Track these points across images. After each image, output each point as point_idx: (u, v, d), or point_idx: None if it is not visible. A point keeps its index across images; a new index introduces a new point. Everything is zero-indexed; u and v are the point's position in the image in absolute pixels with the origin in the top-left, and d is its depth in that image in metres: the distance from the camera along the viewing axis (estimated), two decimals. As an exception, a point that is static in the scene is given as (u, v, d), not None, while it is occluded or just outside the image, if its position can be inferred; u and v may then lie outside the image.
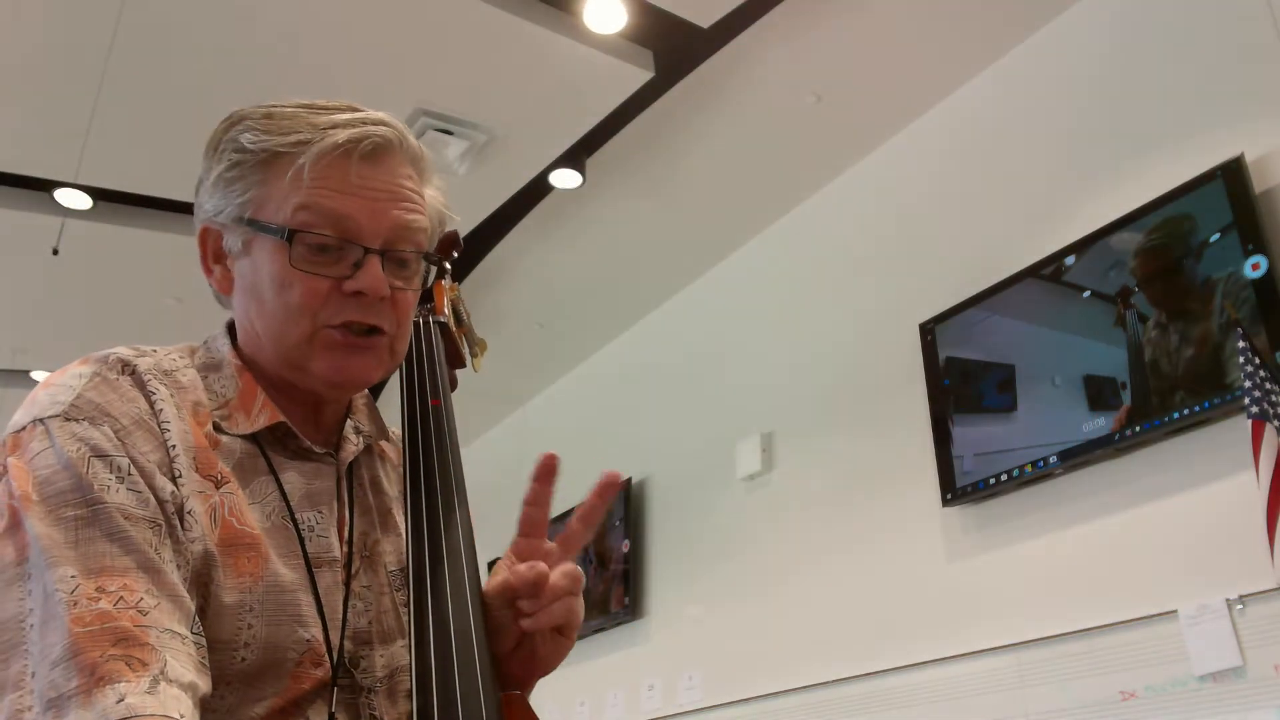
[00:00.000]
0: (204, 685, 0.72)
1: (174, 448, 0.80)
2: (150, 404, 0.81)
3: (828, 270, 3.89)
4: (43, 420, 0.77)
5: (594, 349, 5.21)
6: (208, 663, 0.74)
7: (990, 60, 3.39)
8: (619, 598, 4.40)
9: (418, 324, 1.04)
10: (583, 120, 3.60)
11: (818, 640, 3.42)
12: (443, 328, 1.08)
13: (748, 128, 3.69)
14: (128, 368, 0.83)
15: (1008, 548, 2.92)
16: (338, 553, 0.88)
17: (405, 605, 0.91)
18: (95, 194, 3.82)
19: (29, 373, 5.06)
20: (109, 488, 0.74)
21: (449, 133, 3.57)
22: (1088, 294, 2.84)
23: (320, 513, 0.89)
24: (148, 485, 0.76)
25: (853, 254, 3.80)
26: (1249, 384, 2.25)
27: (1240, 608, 2.34)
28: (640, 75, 3.38)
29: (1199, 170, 2.62)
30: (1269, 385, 2.24)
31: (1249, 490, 2.32)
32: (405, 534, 0.87)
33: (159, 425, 0.81)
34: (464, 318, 1.16)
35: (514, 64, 3.32)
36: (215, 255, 0.91)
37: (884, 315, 3.52)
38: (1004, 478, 2.90)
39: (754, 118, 3.64)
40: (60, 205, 3.81)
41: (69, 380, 0.80)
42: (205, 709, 0.72)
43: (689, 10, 3.15)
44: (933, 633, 3.03)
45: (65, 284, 4.36)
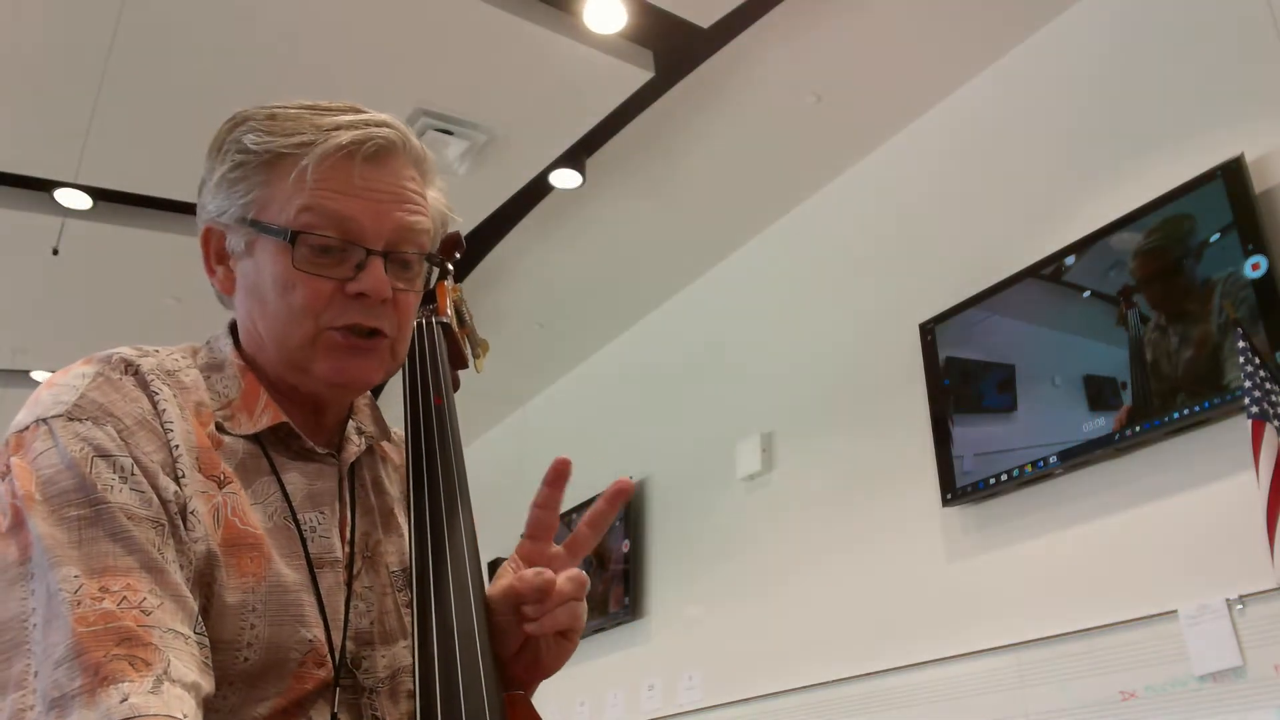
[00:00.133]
0: (207, 685, 0.72)
1: (177, 448, 0.80)
2: (153, 404, 0.81)
3: (828, 270, 3.89)
4: (46, 420, 0.77)
5: (594, 349, 5.21)
6: (210, 663, 0.74)
7: (990, 60, 3.39)
8: (619, 598, 4.40)
9: (421, 324, 1.04)
10: (583, 120, 3.60)
11: (818, 640, 3.42)
12: (445, 328, 1.07)
13: (748, 128, 3.69)
14: (131, 368, 0.82)
15: (1008, 548, 2.93)
16: (339, 553, 0.88)
17: (407, 606, 0.91)
18: (95, 194, 3.82)
19: (29, 373, 5.06)
20: (112, 487, 0.74)
21: (449, 133, 3.57)
22: (1088, 294, 2.84)
23: (322, 513, 0.89)
24: (151, 485, 0.76)
25: (853, 254, 3.80)
26: (1249, 384, 2.25)
27: (1240, 608, 2.34)
28: (640, 75, 3.38)
29: (1199, 170, 2.62)
30: (1269, 385, 2.24)
31: (1249, 490, 2.32)
32: (408, 534, 0.87)
33: (162, 425, 0.81)
34: (466, 318, 1.16)
35: (514, 64, 3.32)
36: (218, 256, 0.91)
37: (884, 315, 3.52)
38: (1004, 478, 2.90)
39: (754, 118, 3.64)
40: (60, 205, 3.81)
41: (72, 380, 0.80)
42: (208, 709, 0.72)
43: (689, 10, 3.15)
44: (933, 633, 3.03)
45: (65, 284, 4.36)
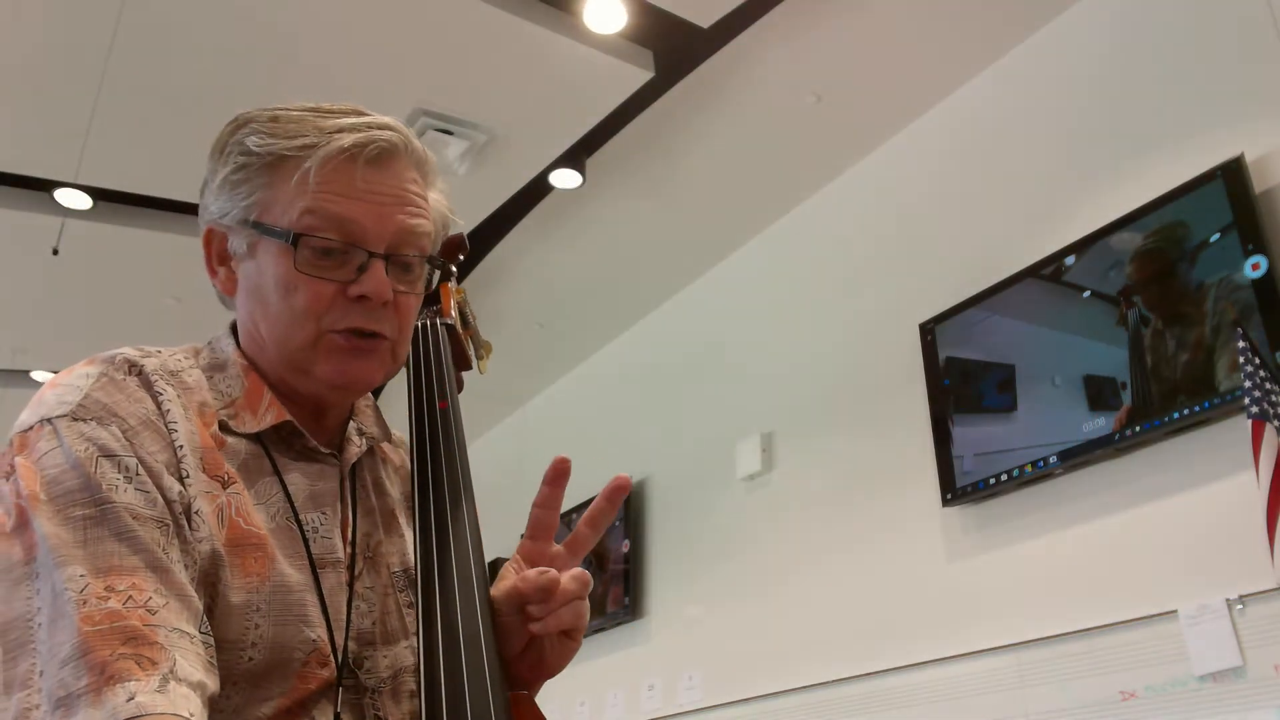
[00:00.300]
0: (212, 684, 0.72)
1: (181, 448, 0.81)
2: (157, 404, 0.81)
3: (828, 270, 3.89)
4: (50, 420, 0.77)
5: (594, 349, 5.21)
6: (215, 662, 0.74)
7: (990, 60, 3.39)
8: (619, 598, 4.40)
9: (425, 326, 1.04)
10: (583, 120, 3.60)
11: (818, 640, 3.42)
12: (450, 330, 1.07)
13: (748, 128, 3.69)
14: (134, 368, 0.83)
15: (1008, 548, 2.93)
16: (341, 554, 0.88)
17: (408, 606, 0.92)
18: (95, 194, 3.82)
19: (29, 373, 5.06)
20: (117, 487, 0.74)
21: (449, 133, 3.57)
22: (1088, 294, 2.84)
23: (324, 514, 0.89)
24: (155, 485, 0.76)
25: (853, 254, 3.80)
26: (1249, 384, 2.25)
27: (1240, 608, 2.34)
28: (640, 75, 3.38)
29: (1199, 170, 2.62)
30: (1269, 385, 2.24)
31: (1249, 490, 2.32)
32: (414, 535, 0.87)
33: (166, 425, 0.81)
34: (470, 320, 1.16)
35: (514, 64, 3.32)
36: (220, 257, 0.92)
37: (884, 315, 3.52)
38: (1004, 478, 2.90)
39: (754, 118, 3.64)
40: (60, 205, 3.81)
41: (76, 380, 0.80)
42: (212, 709, 0.72)
43: (689, 10, 3.15)
44: (933, 633, 3.03)
45: (65, 284, 4.36)
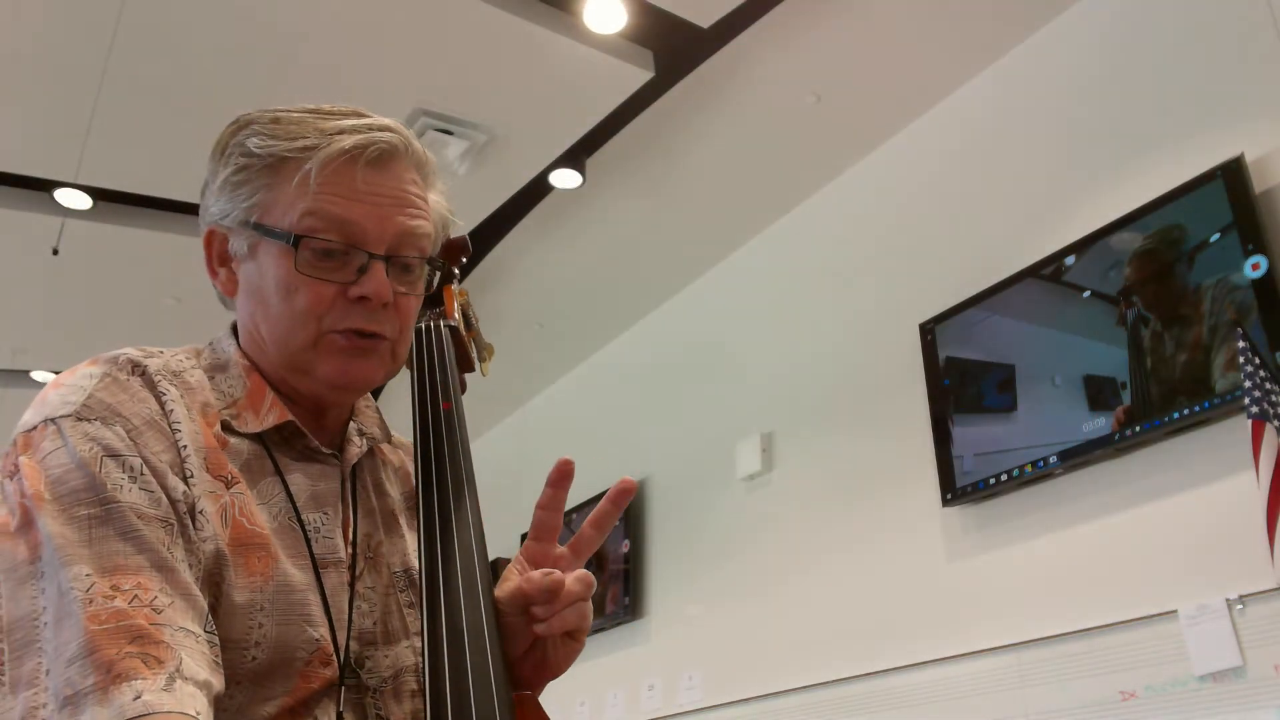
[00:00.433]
0: (218, 683, 0.72)
1: (185, 448, 0.81)
2: (161, 405, 0.82)
3: (828, 270, 3.89)
4: (54, 420, 0.77)
5: (594, 349, 5.21)
6: (220, 661, 0.74)
7: (990, 60, 3.39)
8: (619, 598, 4.40)
9: (429, 328, 1.05)
10: (583, 120, 3.60)
11: (818, 640, 3.42)
12: (454, 332, 1.08)
13: (748, 128, 3.69)
14: (138, 368, 0.83)
15: (1008, 548, 2.93)
16: (343, 554, 0.89)
17: (409, 606, 0.92)
18: (95, 194, 3.82)
19: (29, 373, 5.06)
20: (122, 487, 0.74)
21: (449, 133, 3.57)
22: (1088, 294, 2.84)
23: (326, 514, 0.89)
24: (160, 485, 0.77)
25: (853, 254, 3.80)
26: (1249, 384, 2.25)
27: (1240, 608, 2.34)
28: (640, 75, 3.38)
29: (1199, 170, 2.62)
30: (1269, 385, 2.24)
31: (1249, 490, 2.32)
32: (417, 535, 0.88)
33: (170, 426, 0.81)
34: (473, 322, 1.16)
35: (514, 64, 3.32)
36: (220, 258, 0.92)
37: (884, 315, 3.52)
38: (1004, 478, 2.90)
39: (754, 118, 3.64)
40: (60, 205, 3.81)
41: (79, 380, 0.80)
42: (216, 708, 0.72)
43: (689, 10, 3.15)
44: (933, 633, 3.03)
45: (65, 284, 4.36)
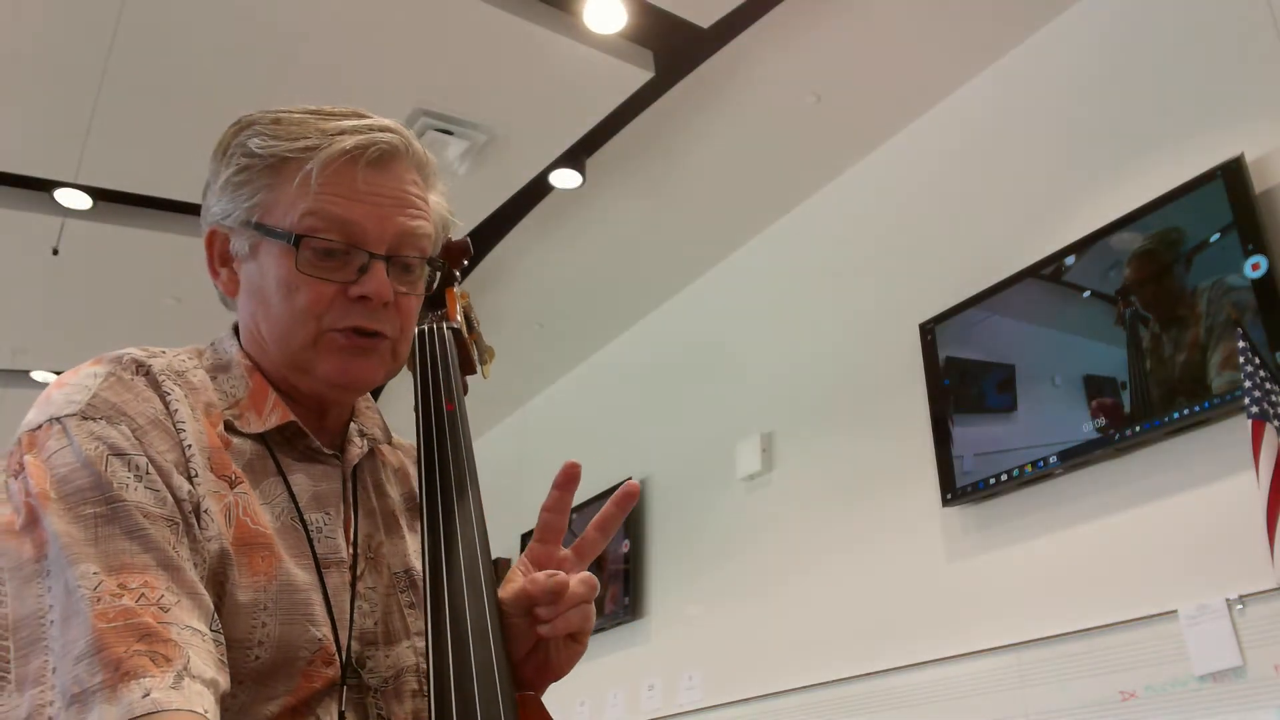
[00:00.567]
0: (224, 682, 0.72)
1: (189, 447, 0.81)
2: (165, 404, 0.82)
3: (828, 270, 3.90)
4: (59, 419, 0.77)
5: (594, 349, 5.21)
6: (226, 660, 0.75)
7: (990, 60, 3.39)
8: (619, 598, 4.40)
9: (431, 330, 1.05)
10: (583, 120, 3.60)
11: (818, 640, 3.42)
12: (456, 334, 1.08)
13: (748, 128, 3.69)
14: (142, 368, 0.83)
15: (1008, 548, 2.93)
16: (345, 554, 0.89)
17: (409, 607, 0.92)
18: (95, 194, 3.82)
19: (29, 373, 5.06)
20: (127, 486, 0.74)
21: (449, 133, 3.57)
22: (1088, 294, 2.84)
23: (327, 514, 0.89)
24: (165, 484, 0.77)
25: (853, 254, 3.80)
26: (1249, 384, 2.25)
27: (1240, 608, 2.34)
28: (640, 75, 3.38)
29: (1199, 170, 2.62)
30: (1269, 385, 2.24)
31: (1249, 490, 2.32)
32: (421, 536, 0.88)
33: (174, 425, 0.81)
34: (474, 324, 1.16)
35: (514, 64, 3.32)
36: (222, 258, 0.92)
37: (884, 315, 3.53)
38: (1004, 478, 2.90)
39: (754, 118, 3.64)
40: (60, 205, 3.81)
41: (84, 380, 0.80)
42: (220, 707, 0.72)
43: (689, 10, 3.15)
44: (933, 633, 3.03)
45: (65, 284, 4.36)
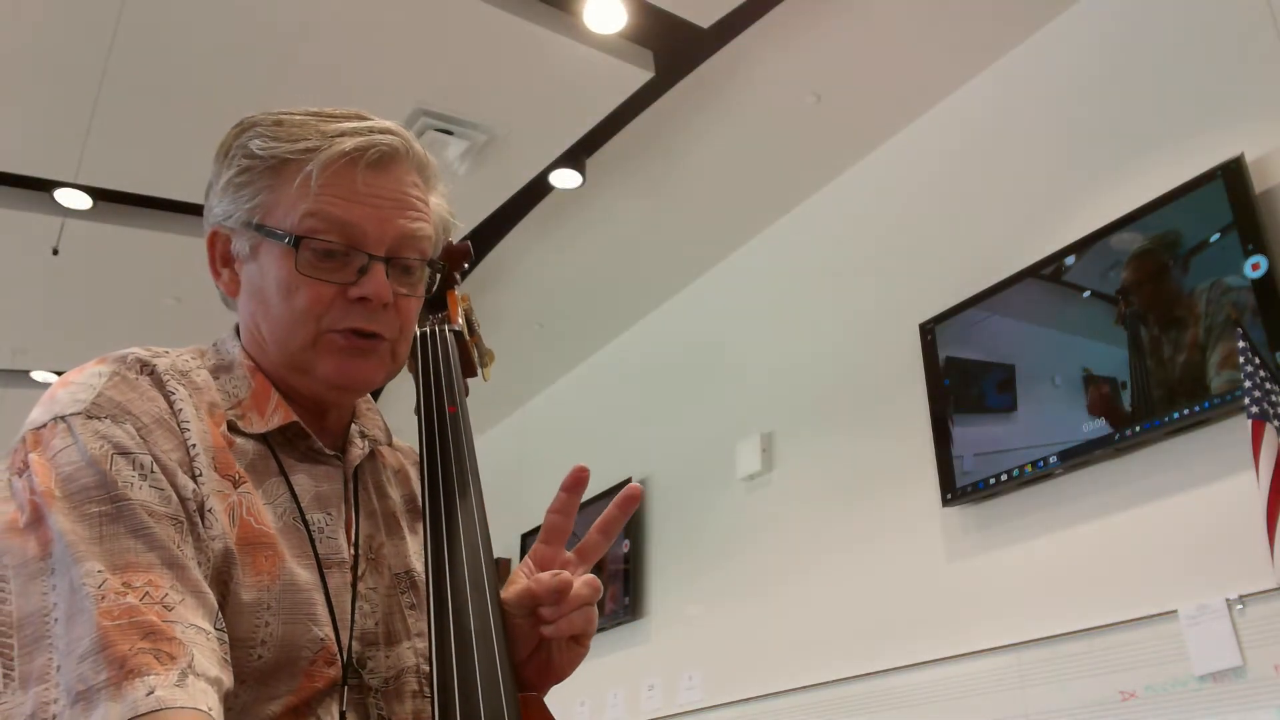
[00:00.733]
0: (228, 680, 0.72)
1: (194, 447, 0.81)
2: (169, 403, 0.82)
3: (828, 270, 3.90)
4: (64, 418, 0.77)
5: (594, 349, 5.21)
6: (230, 659, 0.75)
7: (990, 60, 3.39)
8: (619, 598, 4.40)
9: (433, 332, 1.05)
10: (583, 120, 3.60)
11: (818, 640, 3.42)
12: (458, 336, 1.08)
13: (748, 128, 3.69)
14: (146, 368, 0.83)
15: (1008, 548, 2.93)
16: (346, 554, 0.89)
17: (410, 608, 0.93)
18: (95, 194, 3.82)
19: (29, 373, 5.06)
20: (132, 485, 0.75)
21: (449, 133, 3.57)
22: (1088, 294, 2.84)
23: (329, 514, 0.89)
24: (170, 483, 0.77)
25: (853, 254, 3.80)
26: (1249, 384, 2.25)
27: (1240, 608, 2.34)
28: (640, 75, 3.38)
29: (1199, 170, 2.62)
30: (1269, 385, 2.24)
31: (1249, 490, 2.32)
32: (424, 537, 0.88)
33: (179, 425, 0.81)
34: (475, 327, 1.17)
35: (514, 64, 3.32)
36: (223, 259, 0.93)
37: (884, 315, 3.53)
38: (1004, 478, 2.90)
39: (754, 118, 3.64)
40: (60, 205, 3.81)
41: (88, 379, 0.80)
42: (223, 706, 0.72)
43: (689, 10, 3.15)
44: (933, 633, 3.03)
45: (65, 284, 4.36)
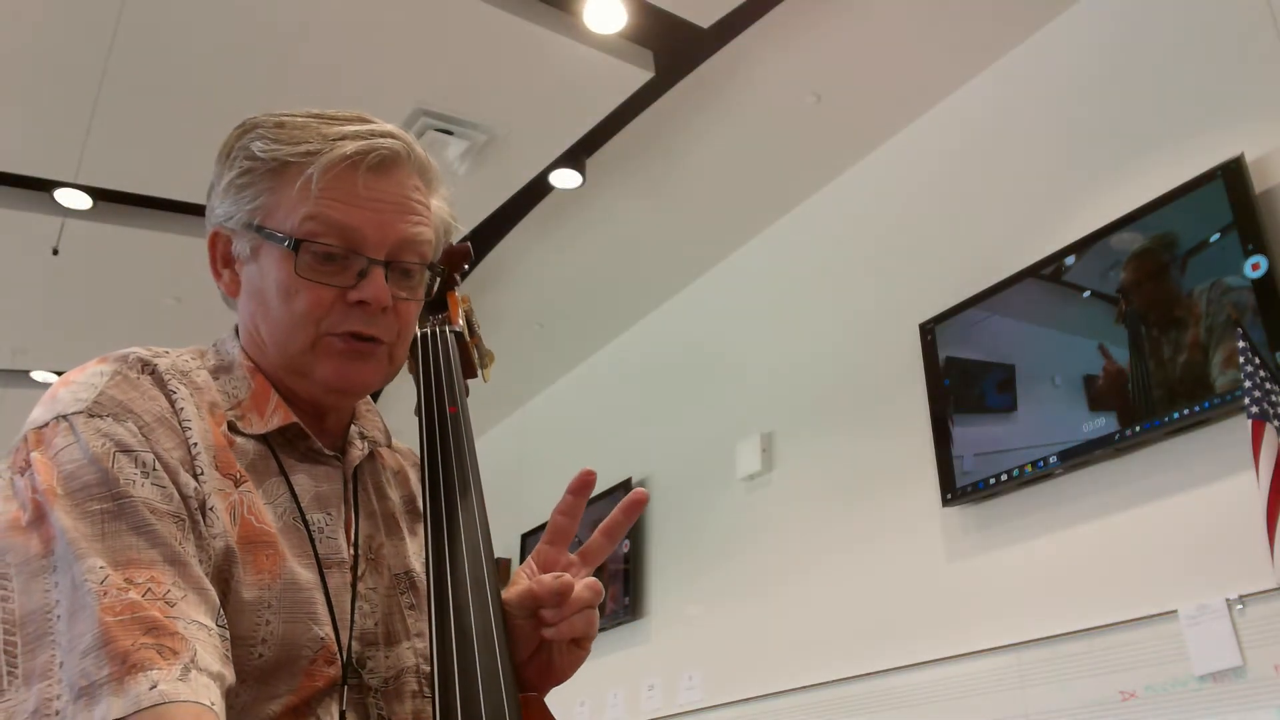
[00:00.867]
0: (230, 676, 0.73)
1: (195, 445, 0.81)
2: (171, 403, 0.82)
3: (828, 270, 3.90)
4: (66, 416, 0.77)
5: (594, 349, 5.21)
6: (231, 656, 0.75)
7: (990, 60, 3.39)
8: (619, 598, 4.40)
9: (434, 333, 1.05)
10: (583, 120, 3.60)
11: (818, 640, 3.42)
12: (459, 337, 1.08)
13: (748, 128, 3.69)
14: (148, 367, 0.84)
15: (1008, 548, 2.93)
16: (346, 554, 0.89)
17: (409, 609, 0.93)
18: (95, 194, 3.82)
19: (29, 373, 5.06)
20: (134, 482, 0.75)
21: (449, 133, 3.57)
22: (1088, 294, 2.84)
23: (329, 514, 0.90)
24: (171, 481, 0.77)
25: (853, 254, 3.80)
26: (1249, 384, 2.25)
27: (1240, 608, 2.34)
28: (640, 75, 3.38)
29: (1199, 170, 2.62)
30: (1269, 385, 2.24)
31: (1249, 490, 2.32)
32: (425, 538, 0.88)
33: (180, 424, 0.82)
34: (475, 328, 1.17)
35: (514, 64, 3.32)
36: (224, 260, 0.93)
37: (884, 315, 3.53)
38: (1004, 478, 2.90)
39: (754, 118, 3.64)
40: (60, 205, 3.81)
41: (90, 378, 0.81)
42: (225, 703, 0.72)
43: (689, 10, 3.15)
44: (933, 633, 3.03)
45: (65, 284, 4.36)
